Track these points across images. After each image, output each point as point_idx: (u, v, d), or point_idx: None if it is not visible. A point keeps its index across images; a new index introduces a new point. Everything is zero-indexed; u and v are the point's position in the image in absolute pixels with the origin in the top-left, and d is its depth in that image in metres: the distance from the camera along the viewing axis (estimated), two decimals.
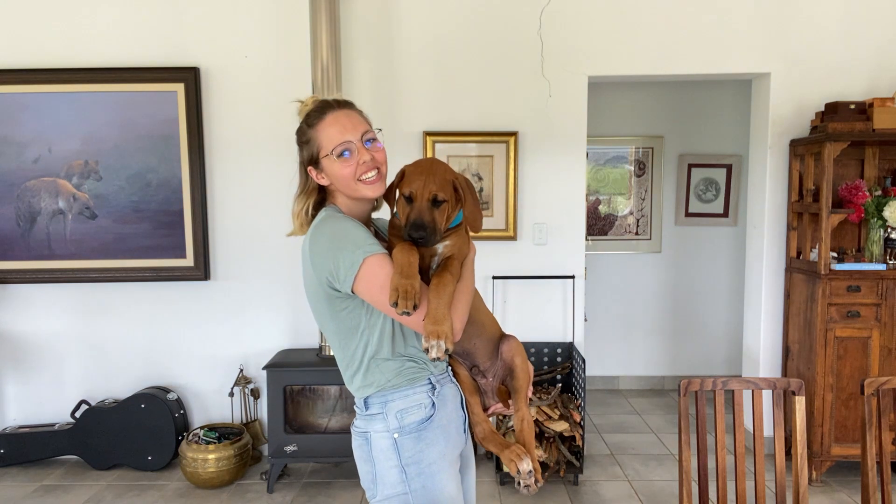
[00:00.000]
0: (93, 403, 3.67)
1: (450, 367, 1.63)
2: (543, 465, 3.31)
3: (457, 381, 1.63)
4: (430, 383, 1.53)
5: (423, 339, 1.38)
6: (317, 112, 1.51)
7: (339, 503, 3.21)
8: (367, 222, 1.61)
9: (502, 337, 1.69)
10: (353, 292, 1.43)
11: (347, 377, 1.57)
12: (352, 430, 1.59)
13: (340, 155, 1.47)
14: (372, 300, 1.44)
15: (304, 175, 1.55)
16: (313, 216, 1.55)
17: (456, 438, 1.56)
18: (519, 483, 1.54)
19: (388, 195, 1.55)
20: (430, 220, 1.44)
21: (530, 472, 1.53)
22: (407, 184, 1.47)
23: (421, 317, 1.39)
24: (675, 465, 3.61)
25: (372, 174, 1.49)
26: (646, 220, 5.03)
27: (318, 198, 1.57)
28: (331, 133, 1.48)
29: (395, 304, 1.35)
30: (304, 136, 1.52)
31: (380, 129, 1.57)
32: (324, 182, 1.53)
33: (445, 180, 1.47)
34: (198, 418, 3.79)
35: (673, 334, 5.10)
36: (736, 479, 1.92)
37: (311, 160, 1.52)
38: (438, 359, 1.37)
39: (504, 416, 3.37)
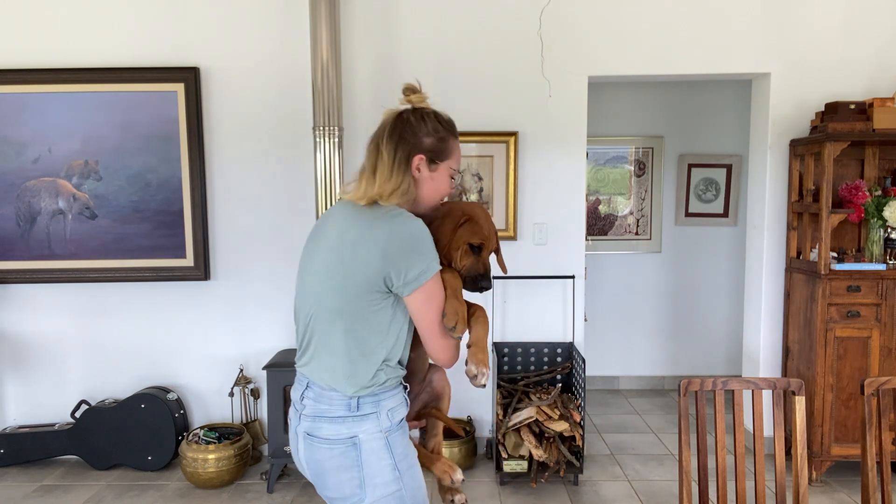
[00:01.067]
0: (93, 403, 3.67)
1: None
2: (543, 465, 3.31)
3: None
4: (402, 384, 1.61)
5: (471, 366, 1.50)
6: (452, 130, 1.63)
7: None
8: None
9: (430, 366, 1.81)
10: (404, 297, 1.48)
11: (344, 368, 1.50)
12: (324, 441, 1.52)
13: (452, 176, 1.63)
14: (419, 311, 1.49)
15: (406, 160, 1.54)
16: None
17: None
18: (452, 501, 1.68)
19: (446, 232, 1.59)
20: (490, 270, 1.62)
21: (463, 480, 1.69)
22: (476, 234, 1.59)
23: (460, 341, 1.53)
24: (675, 465, 3.61)
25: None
26: (646, 220, 5.03)
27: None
28: (458, 156, 1.64)
29: (454, 328, 1.47)
30: (440, 134, 1.59)
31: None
32: (417, 175, 1.56)
33: (496, 232, 1.67)
34: (198, 418, 3.79)
35: (673, 334, 5.10)
36: (736, 479, 1.91)
37: (433, 155, 1.57)
38: (483, 386, 1.50)
39: (503, 417, 3.37)
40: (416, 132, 1.56)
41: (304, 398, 1.59)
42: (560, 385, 3.68)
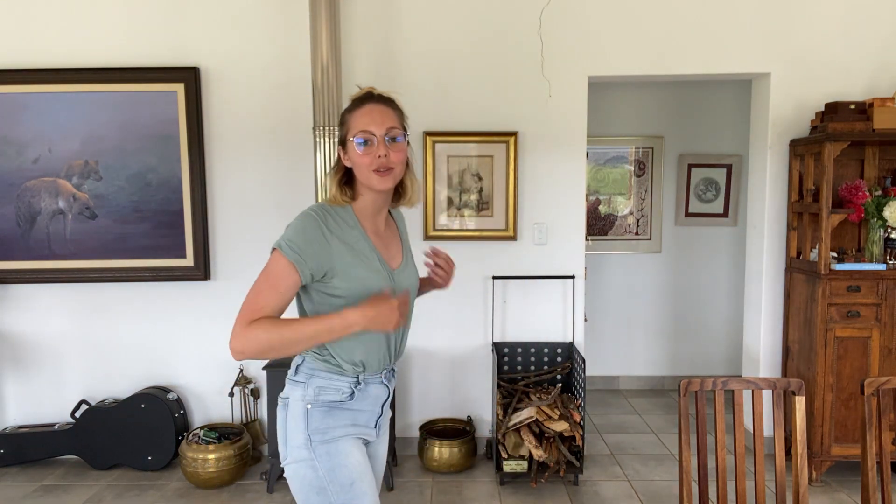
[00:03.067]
0: (93, 403, 3.67)
1: (391, 371, 1.73)
2: (543, 465, 3.31)
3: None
4: (357, 379, 1.64)
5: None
6: (358, 100, 1.62)
7: None
8: (378, 212, 1.67)
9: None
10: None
11: None
12: (279, 398, 1.71)
13: (360, 142, 1.56)
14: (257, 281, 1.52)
15: (338, 154, 1.65)
16: (344, 192, 1.62)
17: (363, 427, 1.68)
18: None
19: None
20: None
21: None
22: None
23: None
24: (675, 465, 3.61)
25: (384, 170, 1.58)
26: (646, 220, 5.03)
27: (344, 176, 1.64)
28: (359, 121, 1.58)
29: None
30: (343, 117, 1.63)
31: (405, 133, 1.63)
32: (347, 164, 1.61)
33: None
34: (198, 418, 3.79)
35: (673, 334, 5.10)
36: (736, 479, 1.91)
37: (341, 140, 1.63)
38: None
39: (503, 417, 3.36)
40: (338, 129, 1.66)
41: None
42: (560, 385, 3.68)
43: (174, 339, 3.75)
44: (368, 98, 1.61)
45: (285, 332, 1.45)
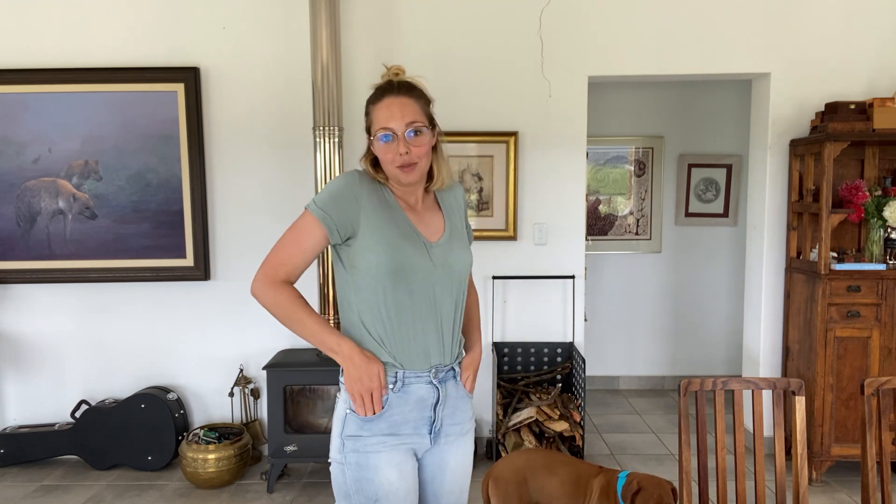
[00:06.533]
0: (93, 403, 3.67)
1: (453, 369, 1.61)
2: None
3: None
4: (395, 378, 1.53)
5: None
6: (379, 91, 1.59)
7: None
8: (409, 193, 1.62)
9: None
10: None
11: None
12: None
13: (382, 138, 1.53)
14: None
15: (368, 141, 1.62)
16: (378, 172, 1.60)
17: (409, 436, 1.55)
18: None
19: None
20: None
21: None
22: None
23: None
24: (675, 465, 3.61)
25: (407, 166, 1.54)
26: (646, 220, 5.03)
27: (374, 160, 1.61)
28: (380, 116, 1.55)
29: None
30: (367, 107, 1.61)
31: (430, 127, 1.57)
32: (375, 153, 1.58)
33: None
34: (198, 418, 3.79)
35: (673, 334, 5.10)
36: (736, 479, 1.92)
37: (368, 131, 1.60)
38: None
39: (503, 417, 3.37)
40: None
41: None
42: (560, 385, 3.68)
43: (174, 339, 3.75)
44: (388, 90, 1.56)
45: (293, 315, 1.51)
